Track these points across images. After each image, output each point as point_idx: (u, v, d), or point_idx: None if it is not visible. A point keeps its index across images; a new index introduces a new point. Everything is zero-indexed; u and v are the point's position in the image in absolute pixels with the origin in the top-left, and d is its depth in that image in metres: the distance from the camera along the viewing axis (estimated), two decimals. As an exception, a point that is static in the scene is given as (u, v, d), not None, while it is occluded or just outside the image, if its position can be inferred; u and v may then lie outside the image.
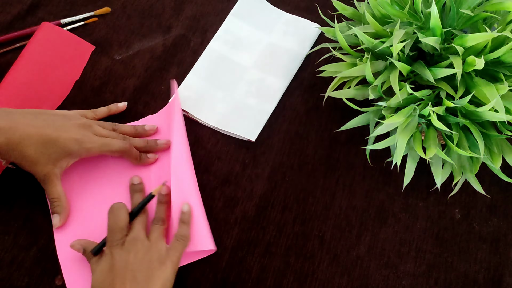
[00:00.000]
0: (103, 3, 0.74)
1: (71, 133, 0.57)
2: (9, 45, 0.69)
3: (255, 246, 0.60)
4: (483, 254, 0.61)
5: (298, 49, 0.72)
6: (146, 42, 0.71)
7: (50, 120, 0.57)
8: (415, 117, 0.55)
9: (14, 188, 0.61)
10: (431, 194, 0.64)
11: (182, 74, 0.69)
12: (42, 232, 0.59)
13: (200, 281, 0.58)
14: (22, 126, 0.54)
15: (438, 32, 0.53)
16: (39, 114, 0.57)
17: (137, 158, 0.62)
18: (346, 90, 0.61)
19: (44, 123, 0.56)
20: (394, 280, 0.59)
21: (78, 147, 0.57)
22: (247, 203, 0.62)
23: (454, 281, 0.60)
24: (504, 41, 0.54)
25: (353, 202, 0.63)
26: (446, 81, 0.56)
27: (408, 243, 0.61)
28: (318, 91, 0.70)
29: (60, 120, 0.58)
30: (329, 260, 0.60)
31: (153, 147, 0.63)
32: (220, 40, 0.72)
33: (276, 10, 0.75)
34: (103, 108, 0.65)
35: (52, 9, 0.73)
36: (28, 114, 0.56)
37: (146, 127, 0.64)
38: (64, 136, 0.56)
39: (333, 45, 0.64)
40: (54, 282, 0.57)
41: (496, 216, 0.63)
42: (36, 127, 0.55)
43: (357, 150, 0.66)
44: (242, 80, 0.69)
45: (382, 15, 0.59)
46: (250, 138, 0.65)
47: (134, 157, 0.61)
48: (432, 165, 0.59)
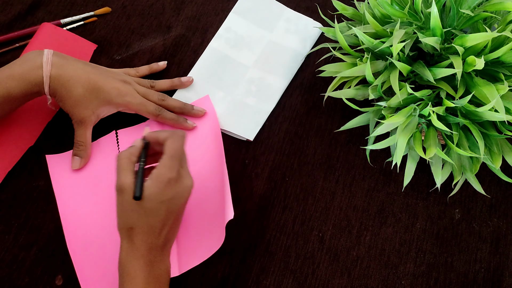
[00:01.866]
0: (103, 3, 0.74)
1: (116, 84, 0.60)
2: (9, 45, 0.69)
3: (255, 246, 0.60)
4: (483, 254, 0.61)
5: (299, 48, 0.72)
6: (146, 42, 0.71)
7: (97, 69, 0.61)
8: (415, 117, 0.55)
9: (14, 188, 0.61)
10: (431, 194, 0.64)
11: (182, 74, 0.69)
12: (42, 232, 0.59)
13: (200, 281, 0.58)
14: (73, 67, 0.58)
15: (438, 32, 0.53)
16: (88, 63, 0.61)
17: (173, 120, 0.63)
18: (346, 90, 0.61)
19: (93, 70, 0.60)
20: (394, 280, 0.59)
21: (120, 99, 0.60)
22: (247, 203, 0.62)
23: (454, 281, 0.60)
24: (504, 41, 0.54)
25: (353, 202, 0.63)
26: (446, 81, 0.56)
27: (408, 243, 0.61)
28: (318, 91, 0.70)
29: (107, 71, 0.62)
30: (329, 260, 0.60)
31: (189, 110, 0.65)
32: (221, 38, 0.72)
33: (279, 5, 0.75)
34: (145, 66, 0.68)
35: (52, 9, 0.73)
36: (78, 61, 0.60)
37: (183, 79, 0.67)
38: (109, 85, 0.60)
39: (333, 45, 0.64)
40: (54, 282, 0.57)
41: (496, 216, 0.63)
42: (85, 71, 0.59)
43: (357, 150, 0.66)
44: (242, 79, 0.69)
45: (382, 15, 0.59)
46: (248, 138, 0.65)
47: (169, 119, 0.63)
48: (432, 165, 0.59)
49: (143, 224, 0.49)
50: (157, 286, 0.50)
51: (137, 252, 0.49)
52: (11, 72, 0.56)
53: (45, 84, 0.56)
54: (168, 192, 0.50)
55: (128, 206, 0.49)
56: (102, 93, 0.59)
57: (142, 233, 0.49)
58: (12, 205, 0.60)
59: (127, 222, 0.50)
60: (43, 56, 0.57)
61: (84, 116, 0.59)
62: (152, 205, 0.49)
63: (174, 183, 0.50)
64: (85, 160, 0.62)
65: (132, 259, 0.49)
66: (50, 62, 0.56)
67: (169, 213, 0.50)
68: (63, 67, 0.57)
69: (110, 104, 0.60)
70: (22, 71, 0.56)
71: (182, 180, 0.51)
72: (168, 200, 0.50)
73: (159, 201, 0.49)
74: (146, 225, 0.49)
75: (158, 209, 0.49)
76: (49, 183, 0.61)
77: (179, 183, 0.50)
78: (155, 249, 0.50)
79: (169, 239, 0.52)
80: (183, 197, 0.51)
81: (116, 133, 0.65)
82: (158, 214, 0.50)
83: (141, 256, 0.49)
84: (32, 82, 0.56)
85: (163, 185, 0.49)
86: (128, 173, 0.50)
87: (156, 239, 0.50)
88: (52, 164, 0.62)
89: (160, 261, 0.51)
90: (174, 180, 0.50)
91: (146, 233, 0.50)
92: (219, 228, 0.56)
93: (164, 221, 0.50)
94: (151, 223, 0.50)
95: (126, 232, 0.50)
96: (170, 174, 0.50)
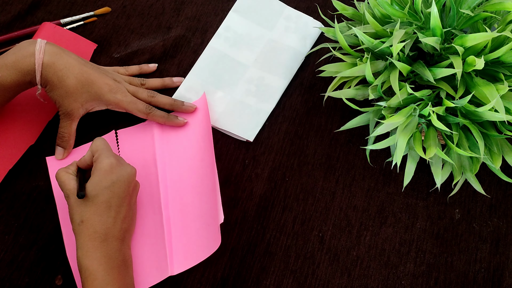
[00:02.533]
0: (103, 3, 0.74)
1: (108, 80, 0.61)
2: (9, 45, 0.69)
3: (255, 246, 0.60)
4: (483, 254, 0.61)
5: (299, 47, 0.72)
6: (146, 42, 0.71)
7: (90, 63, 0.61)
8: (415, 117, 0.55)
9: (14, 188, 0.61)
10: (431, 194, 0.64)
11: (182, 74, 0.69)
12: (42, 232, 0.59)
13: (200, 281, 0.58)
14: (67, 57, 0.58)
15: (438, 32, 0.53)
16: (82, 58, 0.61)
17: (163, 117, 0.63)
18: (346, 90, 0.61)
19: (87, 64, 0.60)
20: (394, 280, 0.59)
21: (110, 95, 0.60)
22: (247, 203, 0.62)
23: (454, 281, 0.60)
24: (504, 41, 0.54)
25: (353, 202, 0.63)
26: (446, 81, 0.56)
27: (408, 243, 0.61)
28: (318, 91, 0.70)
29: (99, 67, 0.62)
30: (329, 260, 0.60)
31: (179, 106, 0.65)
32: (220, 38, 0.72)
33: (279, 3, 0.75)
34: (135, 66, 0.68)
35: (52, 9, 0.73)
36: (72, 53, 0.60)
37: (174, 79, 0.68)
38: (101, 80, 0.60)
39: (333, 45, 0.64)
40: (54, 282, 0.57)
41: (496, 216, 0.63)
42: (79, 63, 0.59)
43: (357, 150, 0.66)
44: (242, 78, 0.69)
45: (382, 15, 0.59)
46: (248, 139, 0.65)
47: (160, 117, 0.63)
48: (432, 165, 0.59)
49: (91, 214, 0.51)
50: (119, 277, 0.50)
51: (92, 245, 0.50)
52: (4, 61, 0.56)
53: (37, 72, 0.56)
54: (109, 177, 0.52)
55: (76, 206, 0.51)
56: (94, 87, 0.59)
57: (93, 224, 0.50)
58: (12, 205, 0.60)
59: (77, 218, 0.51)
60: (36, 44, 0.57)
61: (73, 108, 0.59)
62: (96, 192, 0.51)
63: (115, 168, 0.53)
64: (68, 150, 0.62)
65: (88, 254, 0.50)
66: (42, 50, 0.56)
67: (117, 199, 0.52)
68: (56, 55, 0.57)
69: (100, 99, 0.60)
70: (15, 60, 0.56)
71: (122, 166, 0.54)
72: (111, 185, 0.52)
73: (102, 187, 0.51)
74: (94, 214, 0.51)
75: (102, 195, 0.51)
76: (49, 183, 0.61)
77: (119, 168, 0.53)
78: (111, 240, 0.51)
79: (126, 229, 0.53)
80: (126, 180, 0.53)
81: (116, 133, 0.65)
82: (103, 200, 0.51)
83: (96, 248, 0.50)
84: (24, 70, 0.56)
85: (103, 171, 0.52)
86: (69, 181, 0.52)
87: (110, 229, 0.51)
88: (52, 166, 0.62)
89: (118, 251, 0.51)
90: (115, 165, 0.53)
91: (97, 224, 0.51)
92: (215, 228, 0.56)
93: (114, 208, 0.52)
94: (99, 212, 0.51)
95: (77, 227, 0.51)
96: (107, 160, 0.53)
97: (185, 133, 0.64)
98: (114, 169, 0.53)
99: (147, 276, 0.56)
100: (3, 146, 0.62)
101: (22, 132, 0.63)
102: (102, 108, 0.63)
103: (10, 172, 0.61)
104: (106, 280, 0.49)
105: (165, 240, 0.57)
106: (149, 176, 0.62)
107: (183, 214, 0.59)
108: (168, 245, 0.57)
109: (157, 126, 0.65)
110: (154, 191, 0.60)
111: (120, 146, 0.64)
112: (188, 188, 0.60)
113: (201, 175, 0.61)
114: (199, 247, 0.56)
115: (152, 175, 0.61)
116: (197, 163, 0.62)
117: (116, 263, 0.51)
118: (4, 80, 0.56)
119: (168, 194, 0.60)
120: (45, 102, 0.64)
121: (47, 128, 0.64)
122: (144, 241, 0.58)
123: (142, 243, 0.58)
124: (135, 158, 0.63)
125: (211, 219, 0.57)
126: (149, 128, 0.65)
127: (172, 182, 0.61)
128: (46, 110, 0.65)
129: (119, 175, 0.53)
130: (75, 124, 0.61)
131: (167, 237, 0.57)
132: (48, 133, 0.64)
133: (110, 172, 0.52)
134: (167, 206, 0.59)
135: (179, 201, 0.60)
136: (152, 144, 0.63)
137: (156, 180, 0.61)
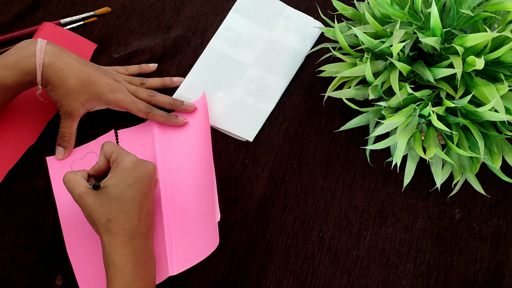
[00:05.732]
0: (102, 3, 0.74)
1: (108, 80, 0.61)
2: (9, 45, 0.69)
3: (255, 246, 0.60)
4: (483, 254, 0.61)
5: (299, 47, 0.72)
6: (145, 42, 0.71)
7: (90, 63, 0.62)
8: (415, 117, 0.55)
9: (14, 188, 0.61)
10: (431, 194, 0.64)
11: (182, 74, 0.69)
12: (42, 232, 0.59)
13: (200, 281, 0.58)
14: (68, 57, 0.59)
15: (438, 32, 0.53)
16: (82, 58, 0.61)
17: (163, 117, 0.64)
18: (346, 90, 0.61)
19: (87, 64, 0.61)
20: (394, 280, 0.59)
21: (111, 95, 0.61)
22: (247, 203, 0.62)
23: (454, 281, 0.60)
24: (504, 41, 0.54)
25: (353, 202, 0.63)
26: (446, 81, 0.56)
27: (408, 243, 0.61)
28: (318, 91, 0.70)
29: (99, 67, 0.63)
30: (329, 260, 0.60)
31: (178, 106, 0.65)
32: (220, 37, 0.72)
33: (279, 3, 0.74)
34: (135, 65, 0.68)
35: (52, 9, 0.73)
36: (72, 53, 0.60)
37: (174, 79, 0.68)
38: (101, 80, 0.60)
39: (333, 45, 0.64)
40: (54, 282, 0.57)
41: (496, 216, 0.63)
42: (80, 63, 0.59)
43: (357, 150, 0.66)
44: (242, 78, 0.69)
45: (382, 15, 0.59)
46: (248, 139, 0.65)
47: (160, 116, 0.63)
48: (432, 165, 0.59)
49: (118, 212, 0.51)
50: (146, 274, 0.51)
51: (120, 242, 0.50)
52: (5, 61, 0.56)
53: (38, 72, 0.56)
54: (133, 174, 0.52)
55: (98, 205, 0.51)
56: (94, 87, 0.60)
57: (121, 222, 0.50)
58: (12, 205, 0.60)
59: (103, 217, 0.50)
60: (36, 44, 0.57)
61: (73, 108, 0.60)
62: (121, 190, 0.51)
63: (137, 165, 0.53)
64: (69, 150, 0.62)
65: (117, 250, 0.50)
66: (43, 50, 0.57)
67: (140, 195, 0.52)
68: (57, 55, 0.57)
69: (101, 99, 0.61)
70: (16, 60, 0.56)
71: (144, 162, 0.54)
72: (135, 182, 0.52)
73: (126, 185, 0.51)
74: (121, 212, 0.51)
75: (127, 192, 0.51)
76: (49, 183, 0.61)
77: (141, 165, 0.53)
78: (138, 237, 0.51)
79: (150, 225, 0.54)
80: (149, 176, 0.53)
81: (116, 133, 0.65)
82: (129, 198, 0.51)
83: (125, 245, 0.50)
84: (25, 70, 0.56)
85: (126, 169, 0.52)
86: (80, 181, 0.52)
87: (137, 226, 0.51)
88: (52, 166, 0.62)
89: (145, 248, 0.52)
90: (137, 162, 0.53)
91: (125, 221, 0.51)
92: (213, 227, 0.56)
93: (139, 204, 0.52)
94: (126, 209, 0.51)
95: (104, 226, 0.50)
96: (128, 158, 0.53)
97: (185, 133, 0.64)
98: (137, 166, 0.53)
99: None
100: (3, 146, 0.62)
101: (22, 132, 0.63)
102: (103, 108, 0.63)
103: (10, 172, 0.61)
104: (134, 276, 0.49)
105: (165, 241, 0.57)
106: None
107: (183, 214, 0.59)
108: (168, 245, 0.57)
109: (157, 126, 0.65)
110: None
111: (120, 146, 0.64)
112: (188, 188, 0.60)
113: (201, 174, 0.61)
114: (199, 247, 0.56)
115: None
116: (197, 163, 0.62)
117: (143, 259, 0.51)
118: (5, 80, 0.56)
119: (168, 194, 0.60)
120: (46, 102, 0.64)
121: (47, 128, 0.64)
122: None
123: None
124: None
125: (210, 219, 0.57)
126: (149, 128, 0.65)
127: (172, 182, 0.61)
128: (46, 110, 0.65)
129: (142, 171, 0.53)
130: (76, 124, 0.61)
131: (167, 237, 0.57)
132: (48, 133, 0.64)
133: (133, 170, 0.52)
134: (167, 206, 0.59)
135: (179, 201, 0.60)
136: (152, 144, 0.64)
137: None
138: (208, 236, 0.56)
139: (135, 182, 0.52)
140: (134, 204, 0.52)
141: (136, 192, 0.52)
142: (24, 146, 0.63)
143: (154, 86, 0.67)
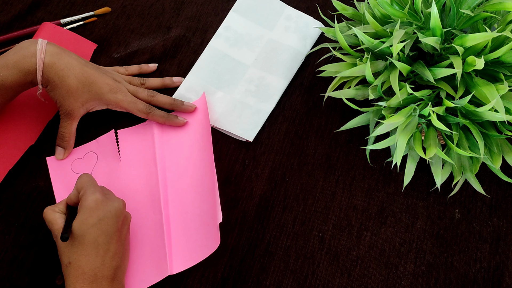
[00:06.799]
0: (103, 3, 0.74)
1: (108, 80, 0.61)
2: (9, 45, 0.69)
3: (255, 246, 0.60)
4: (483, 254, 0.61)
5: (299, 47, 0.72)
6: (146, 42, 0.71)
7: (91, 63, 0.62)
8: (415, 117, 0.55)
9: (14, 188, 0.61)
10: (431, 194, 0.64)
11: (182, 74, 0.69)
12: (42, 232, 0.59)
13: (200, 281, 0.58)
14: (68, 57, 0.58)
15: (438, 32, 0.53)
16: (82, 58, 0.61)
17: (163, 117, 0.63)
18: (346, 90, 0.61)
19: (88, 64, 0.61)
20: (394, 280, 0.59)
21: (111, 95, 0.61)
22: (247, 203, 0.62)
23: (454, 281, 0.60)
24: (504, 41, 0.54)
25: (353, 202, 0.63)
26: (446, 81, 0.56)
27: (408, 243, 0.61)
28: (318, 91, 0.70)
29: (99, 67, 0.63)
30: (329, 260, 0.60)
31: (178, 106, 0.65)
32: (220, 37, 0.72)
33: (279, 3, 0.74)
34: (135, 65, 0.68)
35: (52, 9, 0.73)
36: (73, 53, 0.60)
37: (174, 79, 0.68)
38: (101, 80, 0.60)
39: (333, 45, 0.64)
40: (54, 282, 0.57)
41: (496, 216, 0.63)
42: (80, 63, 0.59)
43: (357, 150, 0.66)
44: (242, 78, 0.69)
45: (382, 15, 0.59)
46: (247, 139, 0.65)
47: (160, 116, 0.63)
48: (432, 165, 0.59)
49: (78, 254, 0.49)
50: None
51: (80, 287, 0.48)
52: (5, 61, 0.56)
53: (38, 72, 0.56)
54: (95, 214, 0.50)
55: (63, 246, 0.50)
56: (94, 87, 0.60)
57: (81, 265, 0.48)
58: (12, 205, 0.61)
59: (65, 259, 0.49)
60: (37, 44, 0.57)
61: (73, 108, 0.60)
62: (82, 231, 0.49)
63: (101, 204, 0.50)
64: (69, 151, 0.62)
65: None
66: (44, 50, 0.57)
67: (105, 236, 0.50)
68: (57, 55, 0.57)
69: (101, 99, 0.61)
70: (16, 60, 0.56)
71: (109, 201, 0.51)
72: (97, 222, 0.50)
73: (88, 226, 0.49)
74: (82, 255, 0.49)
75: (88, 233, 0.49)
76: (49, 183, 0.61)
77: (105, 204, 0.51)
78: (100, 281, 0.49)
79: (117, 267, 0.51)
80: (114, 216, 0.51)
81: (116, 133, 0.65)
82: (91, 240, 0.49)
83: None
84: (25, 70, 0.56)
85: (88, 209, 0.50)
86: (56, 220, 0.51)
87: (99, 269, 0.49)
88: (53, 166, 0.62)
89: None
90: (100, 201, 0.51)
91: (85, 264, 0.48)
92: (214, 228, 0.56)
93: (102, 246, 0.49)
94: (86, 252, 0.49)
95: (65, 269, 0.49)
96: (92, 196, 0.51)
97: (185, 133, 0.64)
98: (100, 206, 0.50)
99: (147, 275, 0.56)
100: (3, 146, 0.62)
101: (22, 132, 0.63)
102: (103, 108, 0.63)
103: (10, 172, 0.61)
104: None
105: (165, 240, 0.57)
106: (149, 176, 0.62)
107: (183, 213, 0.59)
108: (168, 244, 0.57)
109: (157, 126, 0.65)
110: (154, 191, 0.60)
111: (120, 146, 0.64)
112: (188, 187, 0.61)
113: (201, 174, 0.61)
114: (199, 247, 0.56)
115: (152, 175, 0.61)
116: (197, 163, 0.62)
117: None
118: (5, 80, 0.56)
119: (168, 193, 0.60)
120: (46, 102, 0.64)
121: (47, 128, 0.64)
122: (144, 240, 0.58)
123: (142, 243, 0.58)
124: (135, 158, 0.63)
125: (211, 219, 0.57)
126: (149, 128, 0.65)
127: (172, 182, 0.61)
128: (46, 110, 0.65)
129: (106, 211, 0.50)
130: (76, 124, 0.61)
131: (166, 237, 0.57)
132: (48, 133, 0.64)
133: (96, 209, 0.50)
134: (167, 206, 0.59)
135: (179, 201, 0.60)
136: (152, 144, 0.64)
137: (156, 180, 0.61)
138: (209, 236, 0.56)
139: (97, 223, 0.49)
140: (96, 246, 0.49)
141: (99, 233, 0.49)
142: (24, 146, 0.63)
143: (154, 86, 0.67)
